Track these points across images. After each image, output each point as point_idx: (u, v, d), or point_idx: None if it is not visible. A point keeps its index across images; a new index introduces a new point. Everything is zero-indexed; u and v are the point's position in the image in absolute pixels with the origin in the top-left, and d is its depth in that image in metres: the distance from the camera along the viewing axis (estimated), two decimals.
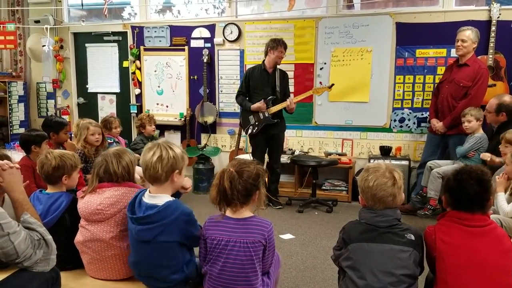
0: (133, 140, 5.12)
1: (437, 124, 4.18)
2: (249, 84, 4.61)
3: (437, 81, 4.60)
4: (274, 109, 4.53)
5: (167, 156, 1.84)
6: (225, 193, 1.78)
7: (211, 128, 5.70)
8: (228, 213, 1.85)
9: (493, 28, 4.42)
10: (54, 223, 2.04)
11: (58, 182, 2.20)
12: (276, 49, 4.43)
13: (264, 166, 4.63)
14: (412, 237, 1.74)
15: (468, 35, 4.02)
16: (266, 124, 4.54)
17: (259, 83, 4.57)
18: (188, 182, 2.13)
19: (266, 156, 4.76)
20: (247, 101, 4.61)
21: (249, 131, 4.62)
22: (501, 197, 2.59)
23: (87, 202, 2.01)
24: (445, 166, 3.87)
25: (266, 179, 4.72)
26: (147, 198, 1.90)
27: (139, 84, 5.94)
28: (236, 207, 1.83)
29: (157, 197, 1.87)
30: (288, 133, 5.34)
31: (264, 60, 4.58)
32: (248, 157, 4.71)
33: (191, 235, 1.89)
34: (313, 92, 4.79)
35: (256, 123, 4.57)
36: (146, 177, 1.91)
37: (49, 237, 1.71)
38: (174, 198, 1.91)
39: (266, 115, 4.53)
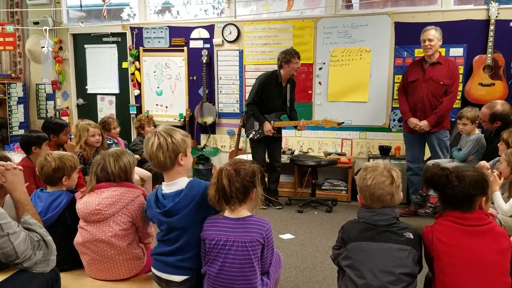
0: (132, 141, 5.12)
1: (421, 123, 4.15)
2: (262, 92, 4.50)
3: None
4: (281, 124, 4.57)
5: (165, 142, 1.86)
6: (224, 191, 1.80)
7: (211, 129, 5.71)
8: (226, 213, 1.86)
9: (492, 27, 4.43)
10: (54, 221, 2.05)
11: (58, 183, 2.23)
12: (290, 62, 4.34)
13: (265, 167, 4.68)
14: (411, 236, 1.74)
15: (434, 34, 4.05)
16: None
17: (272, 94, 4.53)
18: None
19: (266, 157, 4.75)
20: (260, 114, 4.51)
21: (251, 135, 4.62)
22: (498, 196, 2.58)
23: (85, 203, 2.02)
24: (445, 164, 3.86)
25: (266, 179, 4.75)
26: (167, 188, 1.92)
27: (139, 85, 5.95)
28: (234, 206, 1.84)
29: (176, 183, 1.90)
30: (288, 133, 5.34)
31: (279, 71, 4.47)
32: (247, 157, 4.71)
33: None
34: (322, 123, 4.63)
35: (260, 131, 4.55)
36: (154, 167, 1.95)
37: (49, 238, 1.71)
38: (192, 178, 1.96)
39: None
